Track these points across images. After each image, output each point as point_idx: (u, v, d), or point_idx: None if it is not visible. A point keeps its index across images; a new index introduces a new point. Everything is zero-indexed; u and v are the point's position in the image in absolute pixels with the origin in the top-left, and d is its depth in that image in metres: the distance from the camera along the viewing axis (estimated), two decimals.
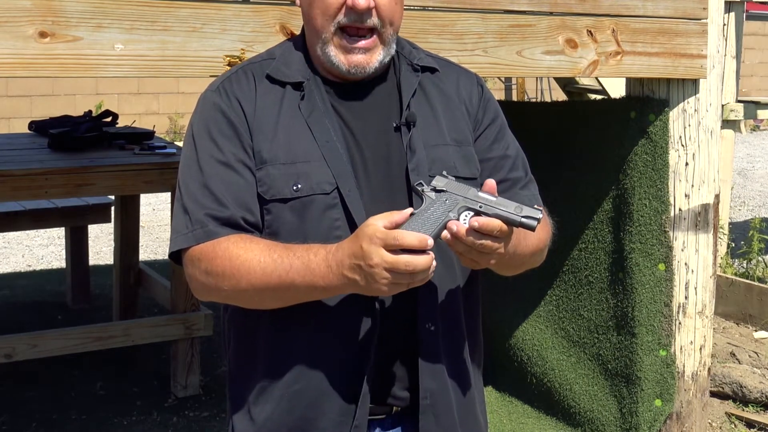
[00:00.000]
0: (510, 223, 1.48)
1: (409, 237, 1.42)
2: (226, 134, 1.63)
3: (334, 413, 1.63)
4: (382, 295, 1.49)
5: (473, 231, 1.45)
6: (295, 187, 1.60)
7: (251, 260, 1.54)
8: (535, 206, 1.52)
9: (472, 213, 1.49)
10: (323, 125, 1.64)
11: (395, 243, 1.42)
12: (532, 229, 1.50)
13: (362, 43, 1.62)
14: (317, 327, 1.62)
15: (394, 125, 1.67)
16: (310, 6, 1.65)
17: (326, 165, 1.61)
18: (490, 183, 1.54)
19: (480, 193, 1.51)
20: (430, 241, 1.43)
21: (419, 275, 1.44)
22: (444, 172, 1.56)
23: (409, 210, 1.48)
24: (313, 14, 1.63)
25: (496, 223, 1.46)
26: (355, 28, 1.62)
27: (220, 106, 1.65)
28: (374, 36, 1.63)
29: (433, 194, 1.52)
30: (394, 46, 1.69)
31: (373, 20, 1.61)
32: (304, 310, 1.59)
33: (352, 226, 1.58)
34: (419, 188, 1.54)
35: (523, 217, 1.49)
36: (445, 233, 1.47)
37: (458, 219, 1.48)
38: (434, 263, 1.45)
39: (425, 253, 1.43)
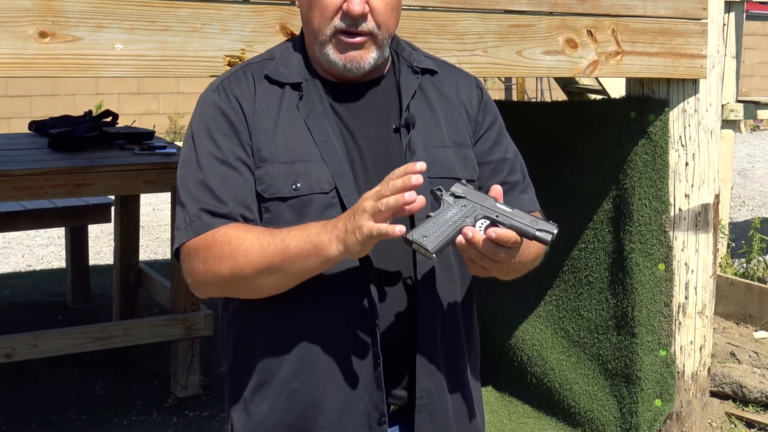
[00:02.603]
0: (525, 235, 1.50)
1: (396, 171, 1.45)
2: (225, 132, 1.64)
3: (334, 412, 1.63)
4: (360, 235, 1.45)
5: (488, 241, 1.47)
6: (294, 186, 1.60)
7: (250, 238, 1.55)
8: (550, 221, 1.53)
9: (488, 222, 1.51)
10: (321, 125, 1.64)
11: (390, 176, 1.44)
12: (546, 243, 1.52)
13: (357, 39, 1.64)
14: (315, 326, 1.62)
15: (394, 126, 1.68)
16: (309, 9, 1.66)
17: (325, 165, 1.61)
18: (497, 188, 1.56)
19: (497, 204, 1.53)
20: (420, 165, 1.43)
21: (401, 199, 1.41)
22: (463, 181, 1.58)
23: (420, 163, 1.46)
24: (312, 16, 1.65)
25: (512, 235, 1.48)
26: (350, 33, 1.63)
27: (220, 105, 1.66)
28: (368, 36, 1.64)
29: (451, 199, 1.53)
30: (388, 50, 1.70)
31: (368, 25, 1.63)
32: (302, 308, 1.60)
33: None
34: (438, 193, 1.55)
35: (538, 230, 1.51)
36: (460, 238, 1.48)
37: (474, 226, 1.50)
38: (420, 200, 1.43)
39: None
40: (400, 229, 1.41)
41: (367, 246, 1.47)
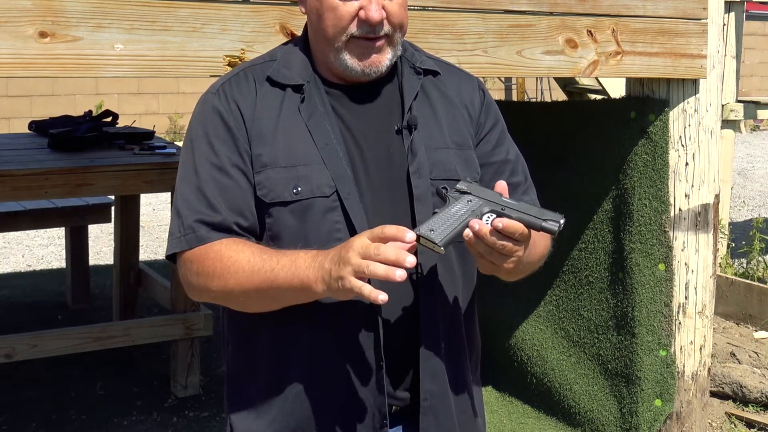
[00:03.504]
0: (532, 226, 1.50)
1: (390, 229, 1.42)
2: (222, 138, 1.63)
3: (336, 414, 1.63)
4: (342, 285, 1.44)
5: (495, 232, 1.47)
6: (295, 191, 1.60)
7: (241, 260, 1.56)
8: (556, 212, 1.53)
9: (494, 215, 1.51)
10: (323, 128, 1.64)
11: (379, 232, 1.43)
12: (553, 233, 1.52)
13: (377, 43, 1.63)
14: (318, 328, 1.62)
15: (396, 128, 1.68)
16: (319, 18, 1.64)
17: (325, 168, 1.61)
18: (502, 184, 1.56)
19: (502, 198, 1.53)
20: (410, 236, 1.43)
21: (391, 275, 1.40)
22: (468, 178, 1.58)
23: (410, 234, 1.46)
24: (324, 26, 1.63)
25: (518, 226, 1.48)
26: (367, 38, 1.62)
27: (219, 110, 1.65)
28: (384, 38, 1.64)
29: (456, 195, 1.54)
30: (401, 48, 1.70)
31: (385, 29, 1.62)
32: (305, 314, 1.59)
33: (352, 228, 1.58)
34: (443, 191, 1.56)
35: (544, 221, 1.50)
36: (467, 232, 1.48)
37: (481, 219, 1.50)
38: (411, 260, 1.41)
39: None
40: (383, 298, 1.41)
41: (350, 295, 1.46)
